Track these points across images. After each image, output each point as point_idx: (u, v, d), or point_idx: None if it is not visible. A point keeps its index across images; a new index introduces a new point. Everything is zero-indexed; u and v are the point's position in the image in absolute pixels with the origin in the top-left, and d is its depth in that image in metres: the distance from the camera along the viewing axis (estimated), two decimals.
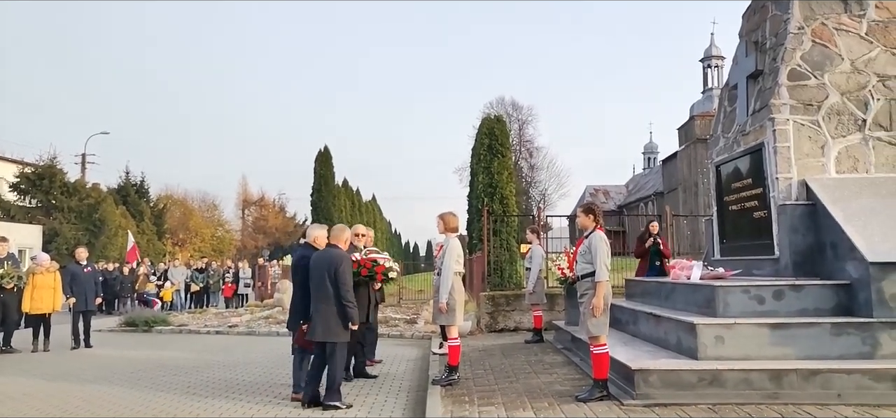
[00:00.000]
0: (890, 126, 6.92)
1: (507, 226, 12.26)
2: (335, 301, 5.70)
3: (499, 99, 53.80)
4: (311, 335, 5.81)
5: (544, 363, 7.50)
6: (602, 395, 5.40)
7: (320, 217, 25.60)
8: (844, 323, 5.56)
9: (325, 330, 5.72)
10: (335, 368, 5.79)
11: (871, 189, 6.60)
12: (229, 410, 5.95)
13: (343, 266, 5.78)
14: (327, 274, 5.72)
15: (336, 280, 5.70)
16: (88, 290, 10.96)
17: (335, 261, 5.78)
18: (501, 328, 11.07)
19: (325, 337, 5.75)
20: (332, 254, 5.87)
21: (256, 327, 12.92)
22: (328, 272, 5.72)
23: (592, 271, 5.53)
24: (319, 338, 5.78)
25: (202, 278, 20.27)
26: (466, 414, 5.21)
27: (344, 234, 6.18)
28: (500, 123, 13.53)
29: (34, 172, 30.24)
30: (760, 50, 7.59)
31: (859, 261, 5.74)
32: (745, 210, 7.57)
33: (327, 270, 5.73)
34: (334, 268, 5.72)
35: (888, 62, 7.03)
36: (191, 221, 45.93)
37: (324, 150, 28.54)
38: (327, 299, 5.71)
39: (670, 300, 7.25)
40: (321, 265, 5.82)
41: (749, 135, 7.41)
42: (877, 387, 5.05)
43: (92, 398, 6.66)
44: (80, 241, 24.68)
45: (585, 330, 5.64)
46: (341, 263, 5.77)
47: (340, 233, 6.15)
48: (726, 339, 5.57)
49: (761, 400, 5.05)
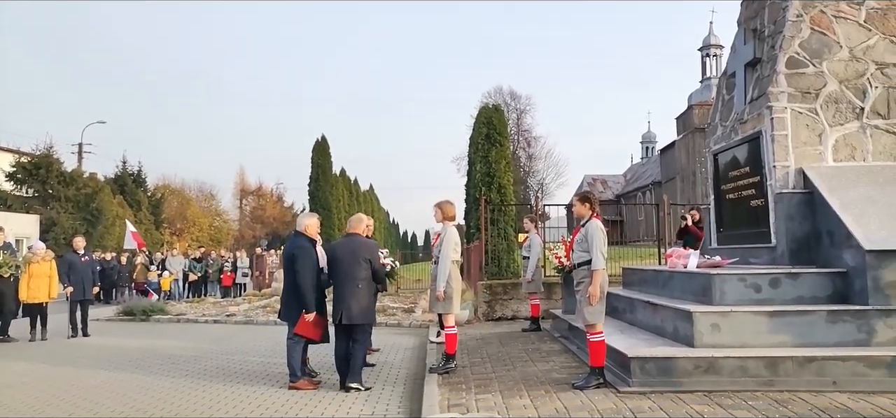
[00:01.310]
0: (888, 114, 6.90)
1: (504, 216, 12.26)
2: (363, 286, 6.05)
3: (497, 88, 53.67)
4: (338, 318, 6.04)
5: (541, 351, 7.52)
6: (599, 383, 5.41)
7: (318, 207, 25.61)
8: (840, 310, 5.57)
9: (352, 314, 6.01)
10: (359, 351, 6.12)
11: (868, 177, 6.60)
12: (227, 397, 5.96)
13: (376, 252, 6.31)
14: (362, 260, 6.08)
15: (372, 265, 6.15)
16: (86, 279, 10.94)
17: (369, 248, 6.26)
18: (499, 316, 11.09)
19: (353, 321, 6.02)
20: (360, 242, 6.29)
21: (254, 316, 12.94)
22: (362, 259, 6.08)
23: (589, 259, 5.53)
24: (347, 322, 6.02)
25: (200, 267, 20.27)
26: (463, 401, 5.22)
27: (362, 224, 6.54)
28: (497, 112, 13.49)
29: (30, 162, 30.16)
30: (759, 38, 7.55)
31: (856, 250, 5.74)
32: (742, 198, 7.57)
33: (361, 257, 6.09)
34: (368, 256, 6.15)
35: (887, 50, 7.01)
36: (188, 211, 45.92)
37: (321, 140, 28.52)
38: (355, 284, 6.03)
39: (667, 288, 7.26)
40: (349, 252, 6.15)
41: (747, 123, 7.39)
42: (872, 374, 5.07)
43: (89, 385, 6.67)
44: (77, 231, 24.67)
45: (582, 318, 5.65)
46: (375, 250, 6.32)
47: (358, 223, 6.50)
48: (722, 327, 5.58)
49: (757, 388, 5.07)
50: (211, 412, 5.49)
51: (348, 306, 6.01)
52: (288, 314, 6.32)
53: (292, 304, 6.24)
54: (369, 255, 6.19)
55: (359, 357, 6.13)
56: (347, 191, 36.49)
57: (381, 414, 5.29)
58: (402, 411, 5.38)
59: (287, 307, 6.35)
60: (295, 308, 6.19)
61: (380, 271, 6.34)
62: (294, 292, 6.19)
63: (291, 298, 6.25)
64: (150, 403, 5.86)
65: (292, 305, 6.24)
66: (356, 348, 6.09)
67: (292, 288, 6.22)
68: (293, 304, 6.22)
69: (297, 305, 6.16)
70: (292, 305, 6.24)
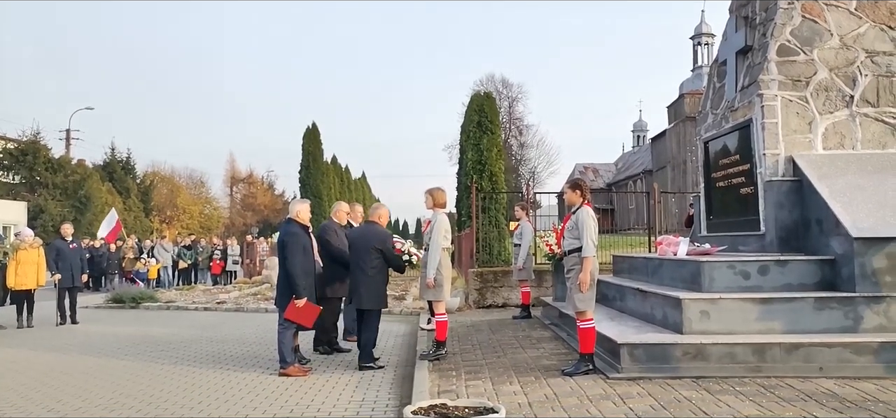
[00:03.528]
0: (877, 102, 6.93)
1: (495, 204, 12.25)
2: (374, 273, 6.28)
3: (489, 76, 53.43)
4: (350, 301, 6.50)
5: (532, 338, 7.55)
6: (588, 369, 5.43)
7: (309, 194, 25.46)
8: (827, 297, 5.61)
9: (362, 299, 6.30)
10: (371, 333, 6.41)
11: (856, 165, 6.64)
12: (217, 383, 5.94)
13: (387, 241, 6.54)
14: (372, 249, 6.32)
15: (384, 254, 6.40)
16: (74, 267, 10.85)
17: (379, 237, 6.46)
18: (490, 304, 11.11)
19: (362, 305, 6.31)
20: (373, 231, 6.51)
21: (245, 304, 12.89)
22: (372, 247, 6.32)
23: (579, 246, 5.53)
24: (357, 306, 6.38)
25: (190, 255, 20.16)
26: (453, 388, 5.23)
27: (376, 213, 6.74)
28: (489, 100, 13.45)
29: (17, 148, 29.83)
30: (750, 25, 7.55)
31: (844, 237, 5.78)
32: (732, 186, 7.59)
33: (371, 245, 6.33)
34: (379, 244, 6.39)
35: (877, 37, 7.03)
36: (178, 198, 45.59)
37: (312, 127, 28.28)
38: (365, 271, 6.27)
39: (657, 276, 7.30)
40: (362, 240, 6.45)
41: (737, 111, 7.41)
42: (857, 360, 5.12)
43: (77, 371, 6.62)
44: (65, 218, 24.45)
45: (572, 305, 5.66)
46: (386, 239, 6.56)
47: (375, 212, 6.75)
48: (711, 314, 5.61)
49: (744, 374, 5.11)
50: (201, 398, 5.47)
51: (358, 292, 6.31)
52: (281, 300, 6.32)
53: (285, 290, 6.24)
54: (380, 244, 6.37)
55: (368, 339, 6.39)
56: (339, 178, 36.33)
57: (372, 400, 5.29)
58: (393, 397, 5.38)
59: (280, 293, 6.36)
60: (287, 294, 6.18)
61: (393, 258, 6.58)
62: (285, 278, 6.18)
63: (284, 285, 6.26)
64: (139, 389, 5.83)
65: (285, 291, 6.24)
66: (368, 330, 6.38)
67: (284, 274, 6.22)
68: (286, 290, 6.22)
69: (289, 291, 6.15)
70: (285, 291, 6.24)
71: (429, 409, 3.90)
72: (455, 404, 4.05)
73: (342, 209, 7.80)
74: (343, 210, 7.79)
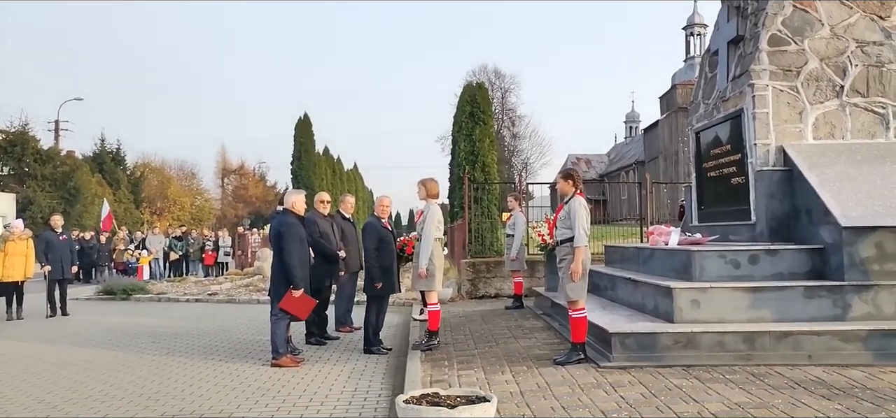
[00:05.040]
0: (867, 92, 6.97)
1: (488, 194, 12.25)
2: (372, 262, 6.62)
3: (481, 66, 53.30)
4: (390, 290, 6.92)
5: (524, 328, 7.57)
6: (580, 358, 5.46)
7: (301, 185, 25.34)
8: (817, 286, 5.66)
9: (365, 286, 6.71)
10: (369, 316, 6.79)
11: (846, 155, 6.68)
12: (209, 373, 5.92)
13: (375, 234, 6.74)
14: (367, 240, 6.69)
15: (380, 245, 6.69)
16: (64, 258, 10.78)
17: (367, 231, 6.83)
18: (482, 294, 11.13)
19: (365, 291, 6.71)
20: (366, 225, 6.95)
21: (236, 295, 12.85)
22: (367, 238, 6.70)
23: (571, 236, 5.54)
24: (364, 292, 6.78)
25: (181, 246, 20.06)
26: (446, 377, 5.24)
27: (379, 206, 7.14)
28: (482, 90, 13.40)
29: (5, 139, 29.52)
30: (742, 15, 7.56)
31: (833, 226, 5.82)
32: (723, 176, 7.62)
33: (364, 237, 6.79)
34: (368, 240, 6.70)
35: (867, 28, 7.05)
36: (169, 190, 45.27)
37: (304, 118, 28.13)
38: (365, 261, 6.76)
39: (648, 265, 7.33)
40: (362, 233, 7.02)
41: (729, 101, 7.42)
42: (845, 348, 5.17)
43: (68, 363, 6.58)
44: (54, 209, 24.23)
45: (564, 295, 5.68)
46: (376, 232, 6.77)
47: (378, 206, 7.18)
48: (702, 303, 5.65)
49: (734, 362, 5.15)
50: (193, 389, 5.45)
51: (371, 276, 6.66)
52: (275, 290, 6.29)
53: (279, 281, 6.21)
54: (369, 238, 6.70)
55: (369, 322, 6.76)
56: (331, 169, 36.17)
57: (364, 390, 5.29)
58: (385, 387, 5.39)
59: (274, 283, 6.33)
60: (282, 284, 6.16)
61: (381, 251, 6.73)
62: (281, 269, 6.17)
63: (279, 275, 6.23)
64: (130, 380, 5.81)
65: (279, 282, 6.21)
66: (366, 313, 6.76)
67: (279, 265, 6.20)
68: (280, 281, 6.19)
69: (285, 282, 6.12)
70: (279, 282, 6.21)
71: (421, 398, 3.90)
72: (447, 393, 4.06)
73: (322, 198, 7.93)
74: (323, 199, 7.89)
